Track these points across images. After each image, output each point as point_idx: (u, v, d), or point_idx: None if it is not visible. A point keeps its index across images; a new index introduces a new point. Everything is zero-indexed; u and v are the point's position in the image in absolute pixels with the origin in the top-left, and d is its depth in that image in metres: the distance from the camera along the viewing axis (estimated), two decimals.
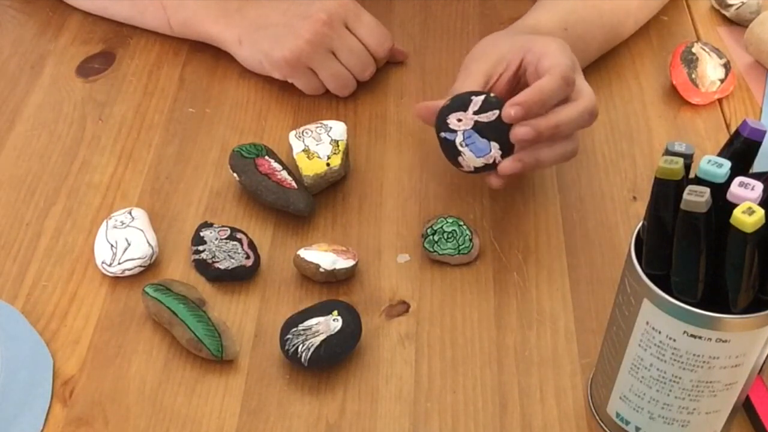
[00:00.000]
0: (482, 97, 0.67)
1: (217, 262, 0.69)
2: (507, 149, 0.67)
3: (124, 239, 0.69)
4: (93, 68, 0.87)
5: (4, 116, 0.82)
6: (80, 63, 0.87)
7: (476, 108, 0.67)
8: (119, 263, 0.68)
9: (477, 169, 0.69)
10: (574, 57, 0.71)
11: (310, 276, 0.68)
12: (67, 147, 0.79)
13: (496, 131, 0.67)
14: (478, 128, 0.67)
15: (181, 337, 0.64)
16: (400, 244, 0.72)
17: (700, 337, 0.51)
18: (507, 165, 0.67)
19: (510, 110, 0.65)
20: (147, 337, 0.66)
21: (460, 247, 0.70)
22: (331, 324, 0.63)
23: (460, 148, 0.68)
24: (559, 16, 0.79)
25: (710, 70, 0.83)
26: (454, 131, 0.67)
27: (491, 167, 0.68)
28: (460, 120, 0.67)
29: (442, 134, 0.68)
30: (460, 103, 0.67)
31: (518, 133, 0.65)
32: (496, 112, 0.66)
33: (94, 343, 0.65)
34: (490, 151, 0.67)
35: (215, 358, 0.63)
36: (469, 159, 0.68)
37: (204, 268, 0.69)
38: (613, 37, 0.86)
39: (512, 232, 0.73)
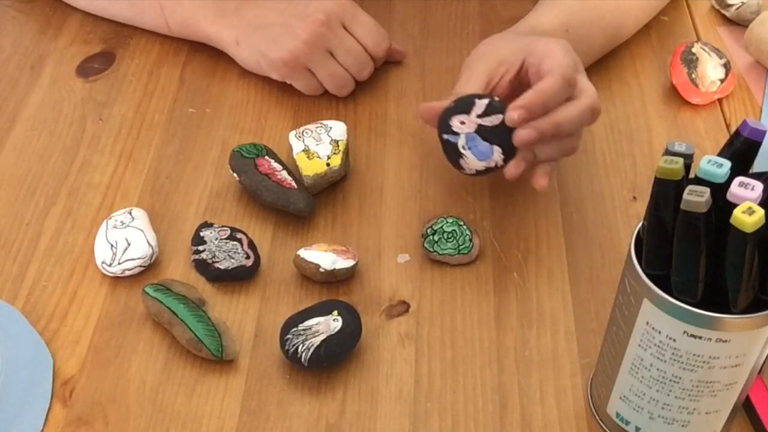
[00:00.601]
0: (486, 100, 0.67)
1: (217, 262, 0.69)
2: (509, 152, 0.67)
3: (124, 239, 0.69)
4: (93, 68, 0.87)
5: (4, 116, 0.82)
6: (80, 63, 0.87)
7: (479, 111, 0.67)
8: (119, 263, 0.68)
9: (479, 172, 0.69)
10: (576, 57, 0.71)
11: (310, 276, 0.68)
12: (67, 147, 0.79)
13: (499, 135, 0.67)
14: (481, 132, 0.67)
15: (181, 337, 0.64)
16: (400, 244, 0.72)
17: (700, 337, 0.51)
18: (512, 169, 0.67)
19: (513, 114, 0.65)
20: (147, 337, 0.66)
21: (460, 247, 0.70)
22: (331, 324, 0.63)
23: (462, 151, 0.68)
24: (560, 17, 0.79)
25: (710, 70, 0.83)
26: (457, 134, 0.68)
27: (493, 170, 0.68)
28: (462, 123, 0.67)
29: (445, 136, 0.68)
30: (463, 105, 0.67)
31: (521, 136, 0.66)
32: (500, 116, 0.66)
33: (94, 343, 0.65)
34: (493, 155, 0.67)
35: (215, 358, 0.63)
36: (471, 162, 0.68)
37: (204, 268, 0.69)
38: (614, 38, 0.86)
39: (512, 232, 0.73)
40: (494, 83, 0.70)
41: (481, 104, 0.67)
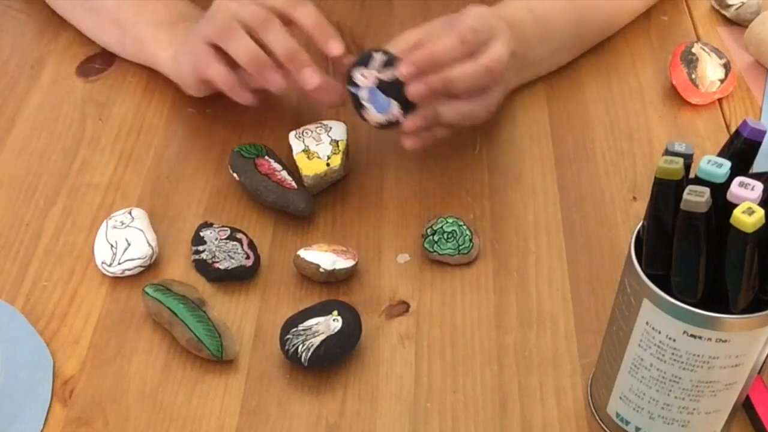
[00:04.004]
0: (381, 54, 0.70)
1: (217, 262, 0.69)
2: (406, 107, 0.70)
3: (124, 239, 0.69)
4: (93, 68, 0.87)
5: (4, 116, 0.82)
6: (80, 63, 0.87)
7: (377, 65, 0.70)
8: (119, 263, 0.68)
9: (381, 126, 0.71)
10: (497, 24, 0.72)
11: (310, 276, 0.68)
12: (67, 147, 0.79)
13: (395, 89, 0.69)
14: (381, 86, 0.70)
15: (181, 337, 0.64)
16: (400, 244, 0.72)
17: (700, 337, 0.51)
18: (408, 123, 0.70)
19: (402, 68, 0.68)
20: (147, 337, 0.66)
21: (460, 247, 0.70)
22: (331, 324, 0.63)
23: (364, 104, 0.71)
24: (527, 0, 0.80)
25: (710, 70, 0.83)
26: (359, 86, 0.70)
27: (395, 125, 0.71)
28: (364, 76, 0.70)
29: (349, 88, 0.71)
30: (364, 59, 0.70)
31: (411, 90, 0.68)
32: (394, 70, 0.69)
33: (94, 343, 0.65)
34: (391, 108, 0.70)
35: (215, 358, 0.63)
36: (373, 115, 0.71)
37: (204, 268, 0.69)
38: (588, 18, 0.85)
39: (512, 232, 0.73)
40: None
41: (377, 57, 0.70)
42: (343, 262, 0.68)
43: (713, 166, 0.49)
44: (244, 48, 0.71)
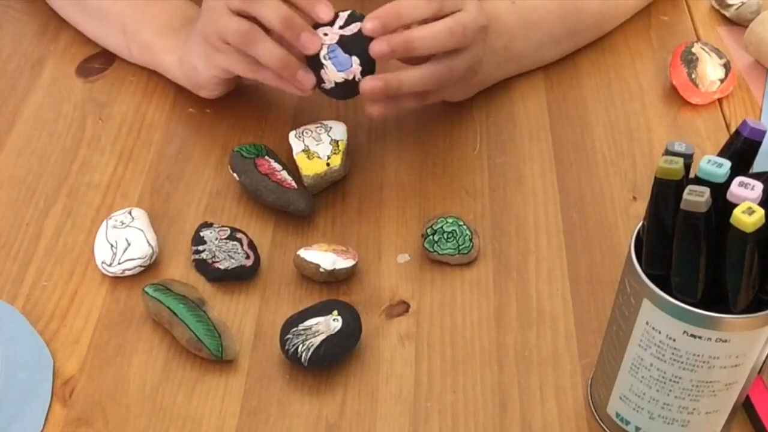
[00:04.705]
0: (348, 12, 0.70)
1: (217, 262, 0.69)
2: (367, 65, 0.69)
3: (124, 239, 0.69)
4: (93, 68, 0.87)
5: (4, 116, 0.82)
6: (80, 63, 0.87)
7: (341, 22, 0.69)
8: (119, 263, 0.68)
9: (338, 85, 0.70)
10: None
11: (310, 276, 0.68)
12: (67, 147, 0.79)
13: (358, 45, 0.69)
14: (342, 43, 0.69)
15: (181, 337, 0.64)
16: (400, 244, 0.72)
17: (700, 337, 0.51)
18: (368, 82, 0.69)
19: (367, 24, 0.68)
20: (147, 337, 0.66)
21: (460, 247, 0.70)
22: (331, 324, 0.63)
23: (323, 61, 0.69)
24: None
25: (710, 70, 0.83)
26: (320, 45, 0.69)
27: (352, 84, 0.70)
28: (326, 34, 0.69)
29: None
30: None
31: (374, 47, 0.68)
32: (359, 25, 0.69)
33: (94, 343, 0.65)
34: (352, 66, 0.69)
35: (215, 358, 0.63)
36: (331, 73, 0.70)
37: (204, 268, 0.69)
38: (575, 13, 0.84)
39: (512, 232, 0.73)
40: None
41: (343, 15, 0.70)
42: (343, 262, 0.68)
43: (713, 166, 0.49)
44: (273, 55, 0.69)
